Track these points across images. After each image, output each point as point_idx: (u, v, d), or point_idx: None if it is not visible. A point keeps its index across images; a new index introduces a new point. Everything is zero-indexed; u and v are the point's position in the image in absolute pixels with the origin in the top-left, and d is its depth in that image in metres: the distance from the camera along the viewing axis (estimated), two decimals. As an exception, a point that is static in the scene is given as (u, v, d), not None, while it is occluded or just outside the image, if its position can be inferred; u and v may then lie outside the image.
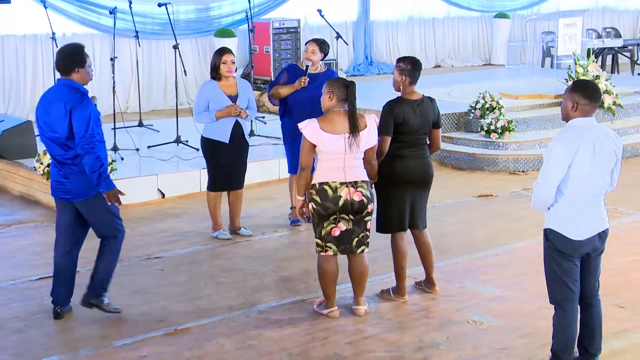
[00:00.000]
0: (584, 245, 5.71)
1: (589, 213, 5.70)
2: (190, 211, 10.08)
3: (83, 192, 6.83)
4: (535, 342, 6.53)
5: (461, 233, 9.41)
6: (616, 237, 8.73)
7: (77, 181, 6.80)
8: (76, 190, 6.83)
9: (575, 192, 5.62)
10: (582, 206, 5.66)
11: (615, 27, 21.41)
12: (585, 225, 5.68)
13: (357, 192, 6.77)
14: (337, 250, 6.89)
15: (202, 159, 9.34)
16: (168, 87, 15.52)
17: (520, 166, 12.27)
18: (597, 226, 5.74)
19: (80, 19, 14.91)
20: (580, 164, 5.57)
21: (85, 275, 7.36)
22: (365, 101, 13.17)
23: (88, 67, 6.82)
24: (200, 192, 10.38)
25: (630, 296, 7.54)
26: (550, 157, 5.62)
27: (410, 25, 20.10)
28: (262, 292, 7.63)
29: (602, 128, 5.77)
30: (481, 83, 15.69)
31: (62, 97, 6.71)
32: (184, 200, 10.54)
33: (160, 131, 12.92)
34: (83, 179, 6.74)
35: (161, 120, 13.92)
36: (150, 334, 6.74)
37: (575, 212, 5.66)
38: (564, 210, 5.67)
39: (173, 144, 12.00)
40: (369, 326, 6.91)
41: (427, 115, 7.22)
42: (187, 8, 16.15)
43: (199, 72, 16.22)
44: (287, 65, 9.58)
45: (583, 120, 5.65)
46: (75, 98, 6.66)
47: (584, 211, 5.67)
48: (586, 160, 5.57)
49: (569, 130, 5.68)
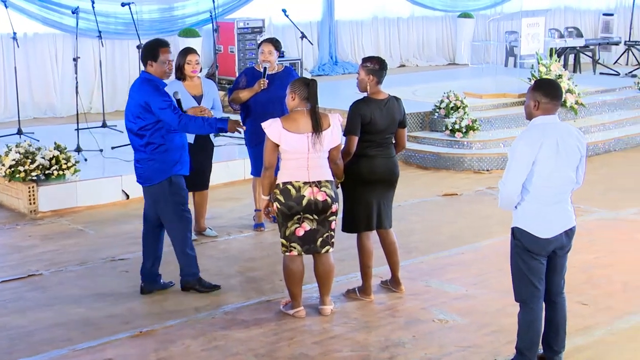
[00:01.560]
0: (552, 243, 5.74)
1: (556, 210, 5.74)
2: (155, 212, 9.98)
3: (149, 178, 7.33)
4: (501, 340, 6.55)
5: (426, 232, 9.42)
6: (579, 234, 8.72)
7: (146, 167, 7.30)
8: (145, 176, 7.36)
9: (541, 190, 5.66)
10: (548, 204, 5.70)
11: (577, 27, 21.61)
12: (552, 223, 5.72)
13: (321, 191, 6.76)
14: (301, 250, 6.88)
15: (166, 160, 9.26)
16: (132, 87, 15.40)
17: (485, 165, 12.33)
18: (564, 224, 5.79)
19: (42, 18, 14.77)
20: (544, 161, 5.60)
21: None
22: (330, 101, 13.25)
23: (162, 62, 7.22)
24: (165, 193, 10.31)
25: (592, 293, 7.59)
26: (514, 155, 5.66)
27: (374, 25, 20.13)
28: (228, 293, 7.59)
29: (565, 125, 5.83)
30: (445, 82, 15.74)
31: (138, 89, 7.24)
32: (149, 201, 10.44)
33: (124, 132, 12.68)
34: (150, 166, 7.27)
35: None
36: (116, 336, 6.68)
37: (542, 210, 5.69)
38: (531, 208, 5.70)
39: (137, 144, 11.85)
40: (335, 326, 6.90)
41: (393, 115, 7.22)
42: (150, 8, 16.04)
43: (163, 72, 16.11)
44: (245, 69, 9.50)
45: (546, 118, 5.69)
46: (146, 90, 7.16)
47: (551, 209, 5.71)
48: (550, 157, 5.61)
49: (531, 128, 5.72)
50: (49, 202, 9.88)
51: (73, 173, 10.01)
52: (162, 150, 7.26)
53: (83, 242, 8.96)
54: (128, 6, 12.48)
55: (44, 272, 8.03)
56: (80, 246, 8.83)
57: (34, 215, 9.76)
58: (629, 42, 21.22)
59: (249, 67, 9.41)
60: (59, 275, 7.99)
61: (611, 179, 11.93)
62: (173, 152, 7.32)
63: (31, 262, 8.31)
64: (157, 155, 7.26)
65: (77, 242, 8.98)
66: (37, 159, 9.80)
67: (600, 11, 23.03)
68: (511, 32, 18.87)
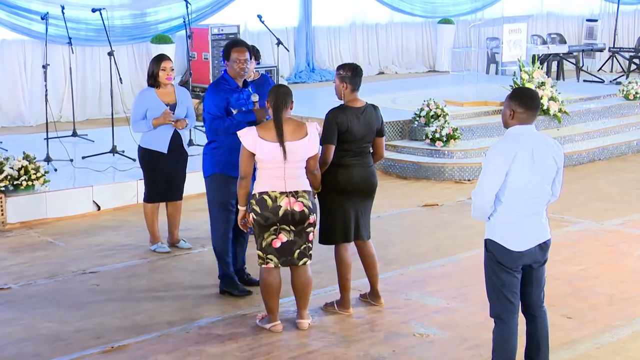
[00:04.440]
0: (524, 257, 5.66)
1: (529, 223, 5.65)
2: (127, 224, 9.90)
3: (204, 169, 7.77)
4: (482, 354, 6.49)
5: (406, 243, 9.37)
6: (563, 245, 8.81)
7: (204, 159, 7.77)
8: (203, 167, 7.80)
9: (514, 201, 5.58)
10: (522, 216, 5.62)
11: (560, 33, 21.52)
12: (525, 236, 5.64)
13: (298, 202, 6.67)
14: (278, 262, 6.80)
15: (139, 170, 9.21)
16: (103, 95, 15.17)
17: (466, 175, 12.23)
18: (538, 237, 5.70)
19: (11, 24, 14.54)
20: (518, 172, 5.54)
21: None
22: (307, 109, 13.18)
23: (232, 62, 7.52)
24: (138, 204, 10.18)
25: (577, 306, 7.57)
26: (488, 165, 5.61)
27: (352, 31, 20.02)
28: (203, 307, 7.52)
29: (541, 136, 5.75)
30: (426, 90, 15.68)
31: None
32: (121, 213, 10.37)
33: (95, 141, 12.67)
34: (205, 159, 7.73)
35: (96, 129, 13.65)
36: (87, 351, 6.60)
37: (515, 222, 5.62)
38: (504, 220, 5.63)
39: (109, 154, 11.77)
40: (313, 340, 6.83)
41: (370, 123, 7.16)
42: (122, 14, 15.84)
43: (135, 79, 15.91)
44: None
45: (521, 128, 5.63)
46: (209, 89, 7.66)
47: (524, 221, 5.63)
48: (524, 168, 5.55)
49: (506, 138, 5.67)
50: (17, 213, 9.76)
51: (42, 184, 9.91)
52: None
53: (53, 255, 8.84)
54: (99, 12, 12.34)
55: (13, 286, 7.94)
56: (50, 259, 8.73)
57: (2, 227, 9.64)
58: (614, 49, 21.13)
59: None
60: (28, 289, 7.90)
61: (595, 189, 11.91)
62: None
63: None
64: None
65: (47, 254, 8.87)
66: (5, 169, 9.68)
67: (584, 17, 22.98)
68: (492, 38, 18.82)
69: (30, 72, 14.66)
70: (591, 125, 14.79)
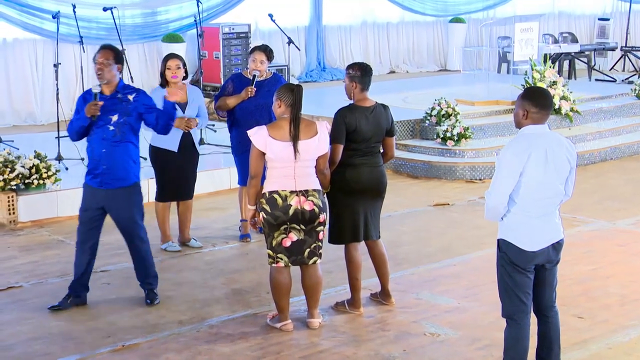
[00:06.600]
0: (538, 257, 5.63)
1: (543, 223, 5.63)
2: (138, 222, 9.84)
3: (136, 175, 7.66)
4: (493, 354, 6.47)
5: (417, 243, 9.35)
6: (575, 245, 8.78)
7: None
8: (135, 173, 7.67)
9: (528, 201, 5.56)
10: (535, 216, 5.60)
11: (572, 32, 21.47)
12: (538, 236, 5.62)
13: (308, 201, 6.65)
14: (288, 261, 6.77)
15: (150, 169, 9.15)
16: (114, 94, 15.20)
17: (477, 174, 12.20)
18: (551, 237, 5.67)
19: (22, 23, 14.58)
20: (532, 172, 5.51)
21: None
22: (317, 108, 13.17)
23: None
24: (148, 203, 10.07)
25: (589, 306, 7.54)
26: (501, 165, 5.58)
27: (363, 30, 19.99)
28: (213, 306, 7.50)
29: (554, 136, 5.72)
30: (437, 89, 15.62)
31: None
32: (132, 211, 10.30)
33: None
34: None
35: (108, 128, 13.62)
36: (97, 350, 6.59)
37: (528, 222, 5.59)
38: (517, 220, 5.60)
39: (120, 152, 11.68)
40: (324, 340, 6.81)
41: (379, 123, 7.13)
42: (133, 12, 15.88)
43: (146, 78, 15.93)
44: (232, 75, 9.34)
45: (535, 127, 5.60)
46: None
47: (537, 221, 5.60)
48: (538, 168, 5.52)
49: (520, 137, 5.64)
50: (28, 212, 9.76)
51: (54, 182, 9.91)
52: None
53: (64, 254, 8.80)
54: (110, 11, 12.37)
55: (24, 284, 7.95)
56: (60, 257, 8.70)
57: (14, 226, 9.64)
58: (626, 48, 21.03)
59: (236, 73, 9.30)
60: (38, 288, 7.89)
61: (607, 189, 11.89)
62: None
63: (10, 274, 8.21)
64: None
65: (58, 253, 8.86)
66: (17, 167, 9.68)
67: (596, 16, 22.91)
68: (504, 37, 18.76)
69: (41, 71, 14.68)
70: (603, 124, 14.76)
